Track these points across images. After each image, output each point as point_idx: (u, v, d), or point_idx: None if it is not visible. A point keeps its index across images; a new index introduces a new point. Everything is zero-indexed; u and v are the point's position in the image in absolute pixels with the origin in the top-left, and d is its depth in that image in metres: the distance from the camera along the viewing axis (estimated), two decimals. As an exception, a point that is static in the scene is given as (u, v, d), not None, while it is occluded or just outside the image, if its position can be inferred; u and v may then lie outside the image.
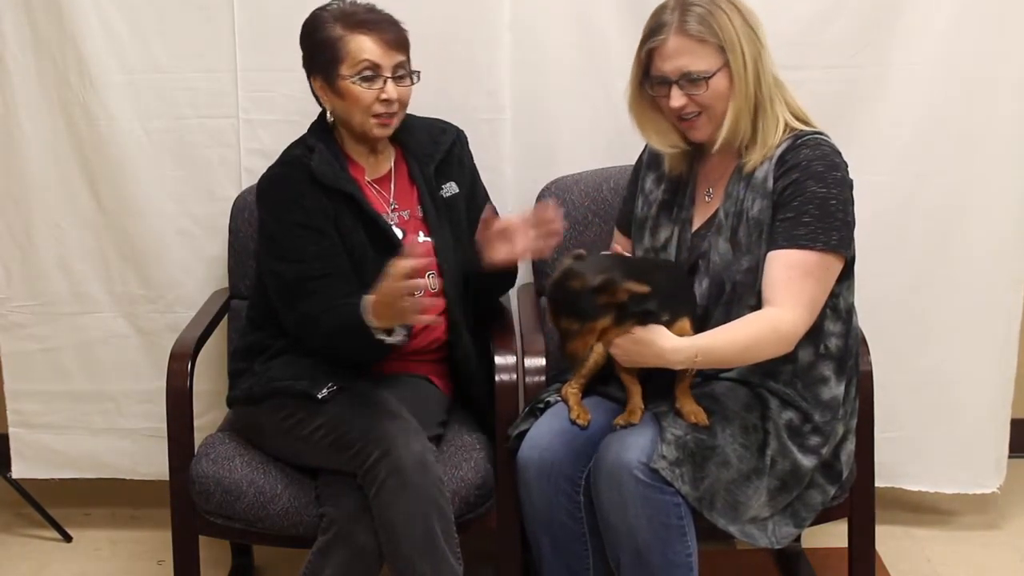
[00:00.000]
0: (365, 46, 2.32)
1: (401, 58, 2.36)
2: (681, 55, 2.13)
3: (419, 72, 2.38)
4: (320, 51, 2.36)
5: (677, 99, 2.16)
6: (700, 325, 2.16)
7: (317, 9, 2.39)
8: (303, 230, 2.33)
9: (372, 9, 2.39)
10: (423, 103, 2.48)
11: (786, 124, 2.17)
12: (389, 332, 2.19)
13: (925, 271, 2.81)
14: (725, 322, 2.16)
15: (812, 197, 2.11)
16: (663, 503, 2.06)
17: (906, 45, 2.70)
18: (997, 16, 2.69)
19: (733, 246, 2.19)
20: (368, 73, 2.32)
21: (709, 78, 2.13)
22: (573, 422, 2.23)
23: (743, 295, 2.17)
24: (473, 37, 2.73)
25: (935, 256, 2.80)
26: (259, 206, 2.44)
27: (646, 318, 2.05)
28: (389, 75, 2.34)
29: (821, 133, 2.18)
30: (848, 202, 2.14)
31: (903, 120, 2.74)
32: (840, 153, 2.17)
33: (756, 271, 2.16)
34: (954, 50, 2.70)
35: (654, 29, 2.16)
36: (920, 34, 2.69)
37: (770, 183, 2.15)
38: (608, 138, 2.73)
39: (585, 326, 2.02)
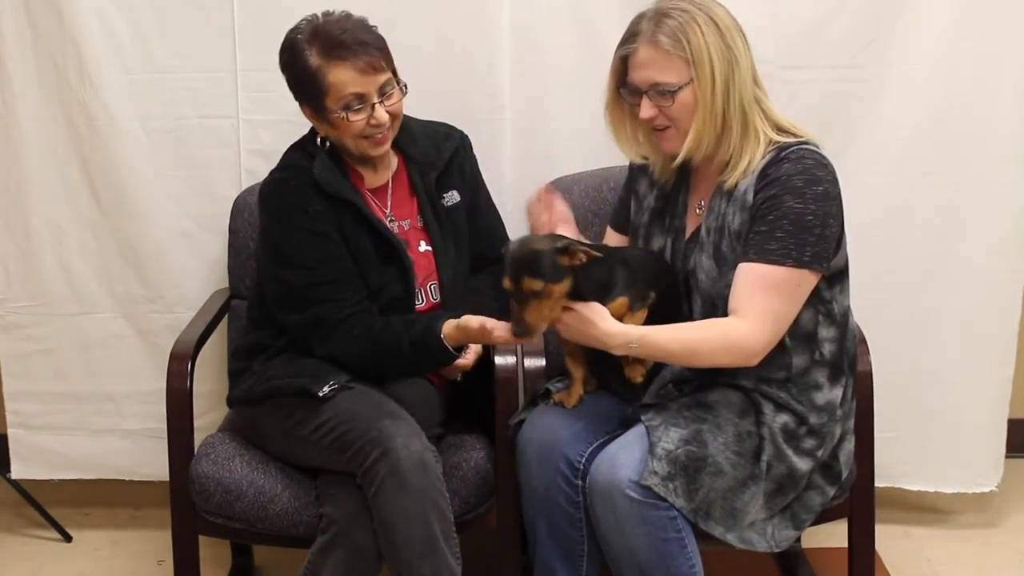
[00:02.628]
0: (346, 78, 2.24)
1: (385, 77, 2.28)
2: (650, 66, 2.12)
3: (406, 84, 2.32)
4: (302, 82, 2.30)
5: (647, 110, 2.15)
6: None
7: (291, 32, 2.32)
8: (309, 235, 2.31)
9: (345, 26, 2.27)
10: (423, 105, 2.47)
11: (769, 139, 2.14)
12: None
13: (925, 271, 2.81)
14: None
15: (788, 212, 2.08)
16: (659, 519, 2.06)
17: (906, 45, 2.70)
18: (997, 16, 2.69)
19: (717, 262, 2.17)
20: (355, 104, 2.27)
21: (675, 92, 2.11)
22: (551, 393, 2.28)
23: None
24: (473, 38, 2.72)
25: (935, 256, 2.80)
26: (262, 212, 2.41)
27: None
28: (376, 100, 2.28)
29: (807, 144, 2.14)
30: (828, 216, 2.10)
31: (903, 120, 2.74)
32: (826, 165, 2.12)
33: None
34: (954, 50, 2.70)
35: (628, 37, 2.16)
36: (920, 34, 2.69)
37: (750, 197, 2.12)
38: (608, 138, 2.71)
39: (547, 287, 2.03)
